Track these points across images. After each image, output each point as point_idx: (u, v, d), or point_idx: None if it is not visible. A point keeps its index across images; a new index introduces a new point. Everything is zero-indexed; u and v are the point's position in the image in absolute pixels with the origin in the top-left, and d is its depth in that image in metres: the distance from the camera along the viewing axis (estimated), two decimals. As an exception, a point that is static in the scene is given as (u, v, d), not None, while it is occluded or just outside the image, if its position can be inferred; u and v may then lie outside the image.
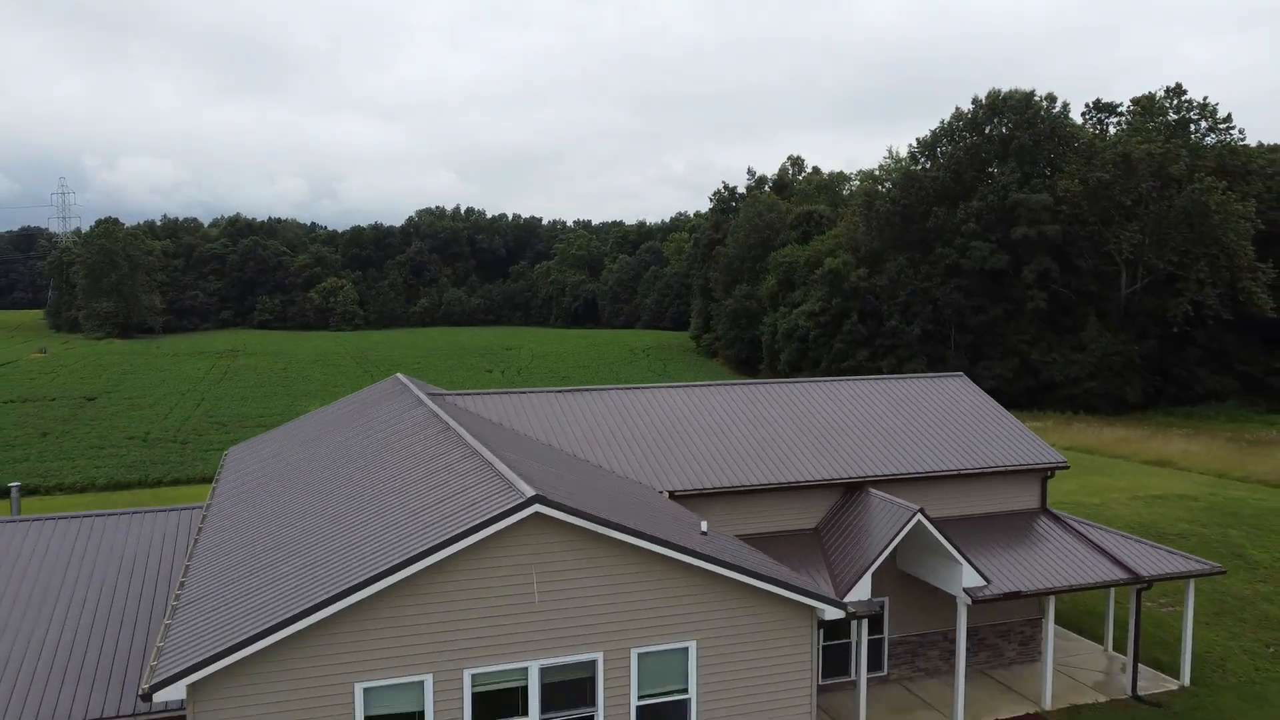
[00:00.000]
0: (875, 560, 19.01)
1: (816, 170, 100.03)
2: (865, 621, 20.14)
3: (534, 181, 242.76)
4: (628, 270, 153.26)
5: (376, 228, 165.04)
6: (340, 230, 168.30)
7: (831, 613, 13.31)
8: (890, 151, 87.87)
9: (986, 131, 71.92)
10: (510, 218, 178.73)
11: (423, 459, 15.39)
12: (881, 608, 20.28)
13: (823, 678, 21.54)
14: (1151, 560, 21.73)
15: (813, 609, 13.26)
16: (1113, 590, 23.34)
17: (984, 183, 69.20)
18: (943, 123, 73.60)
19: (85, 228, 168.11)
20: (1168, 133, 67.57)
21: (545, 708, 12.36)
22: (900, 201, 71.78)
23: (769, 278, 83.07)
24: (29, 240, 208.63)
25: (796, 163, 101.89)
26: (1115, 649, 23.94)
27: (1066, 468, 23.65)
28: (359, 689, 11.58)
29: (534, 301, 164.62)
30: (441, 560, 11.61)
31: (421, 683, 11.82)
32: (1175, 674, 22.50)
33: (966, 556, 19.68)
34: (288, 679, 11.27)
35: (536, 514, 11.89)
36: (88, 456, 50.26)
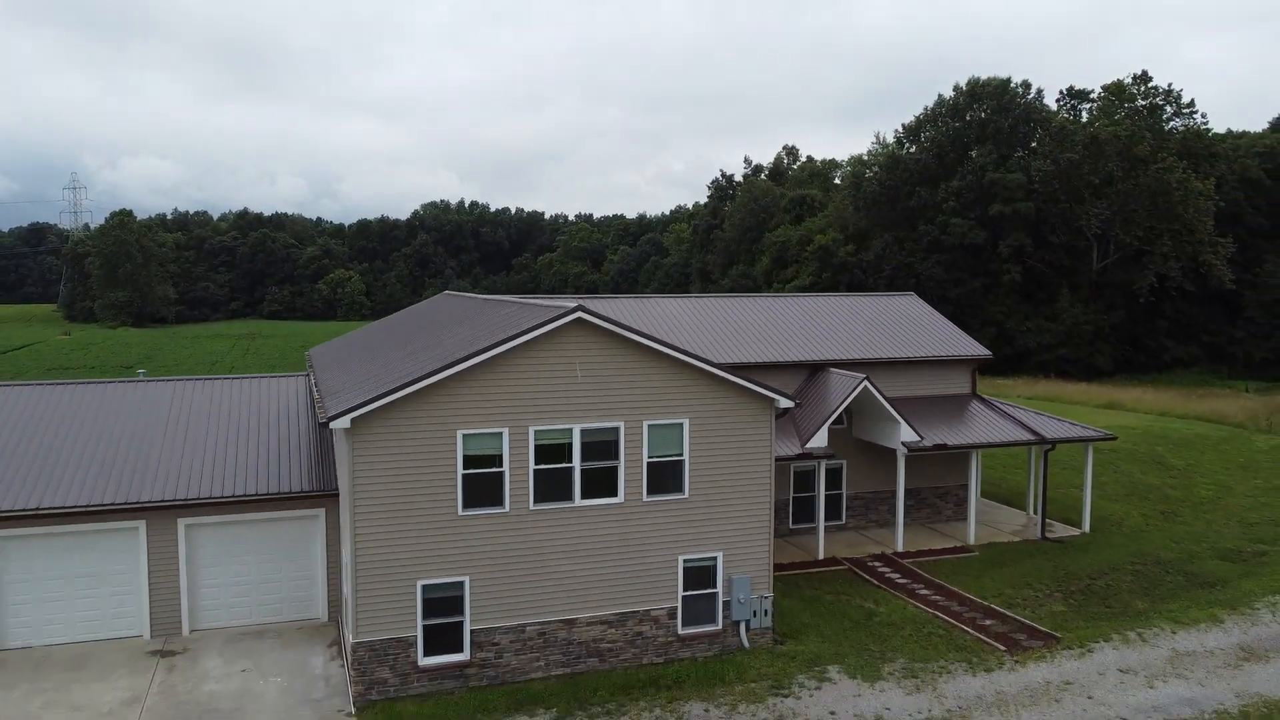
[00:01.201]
0: (831, 414, 24.75)
1: (810, 159, 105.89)
2: (824, 475, 25.95)
3: (534, 181, 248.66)
4: (629, 261, 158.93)
5: (383, 221, 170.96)
6: (346, 224, 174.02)
7: (784, 403, 19.06)
8: (878, 137, 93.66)
9: (967, 118, 77.82)
10: (513, 211, 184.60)
11: (490, 316, 21.18)
12: (834, 456, 25.89)
13: (793, 523, 27.29)
14: (1055, 428, 27.53)
15: (771, 400, 19.00)
16: (1034, 470, 29.00)
17: (963, 164, 74.98)
18: (926, 109, 79.56)
19: (91, 225, 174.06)
20: (1135, 117, 73.45)
21: (585, 458, 18.10)
22: (886, 183, 77.65)
23: (763, 258, 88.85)
24: (38, 236, 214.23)
25: (791, 152, 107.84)
26: (1034, 514, 29.66)
27: (990, 358, 29.47)
28: (460, 434, 17.32)
29: (537, 292, 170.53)
30: (514, 348, 17.34)
31: (500, 433, 17.56)
32: (1079, 525, 28.24)
33: (904, 417, 25.43)
34: (414, 422, 16.99)
35: (579, 319, 17.66)
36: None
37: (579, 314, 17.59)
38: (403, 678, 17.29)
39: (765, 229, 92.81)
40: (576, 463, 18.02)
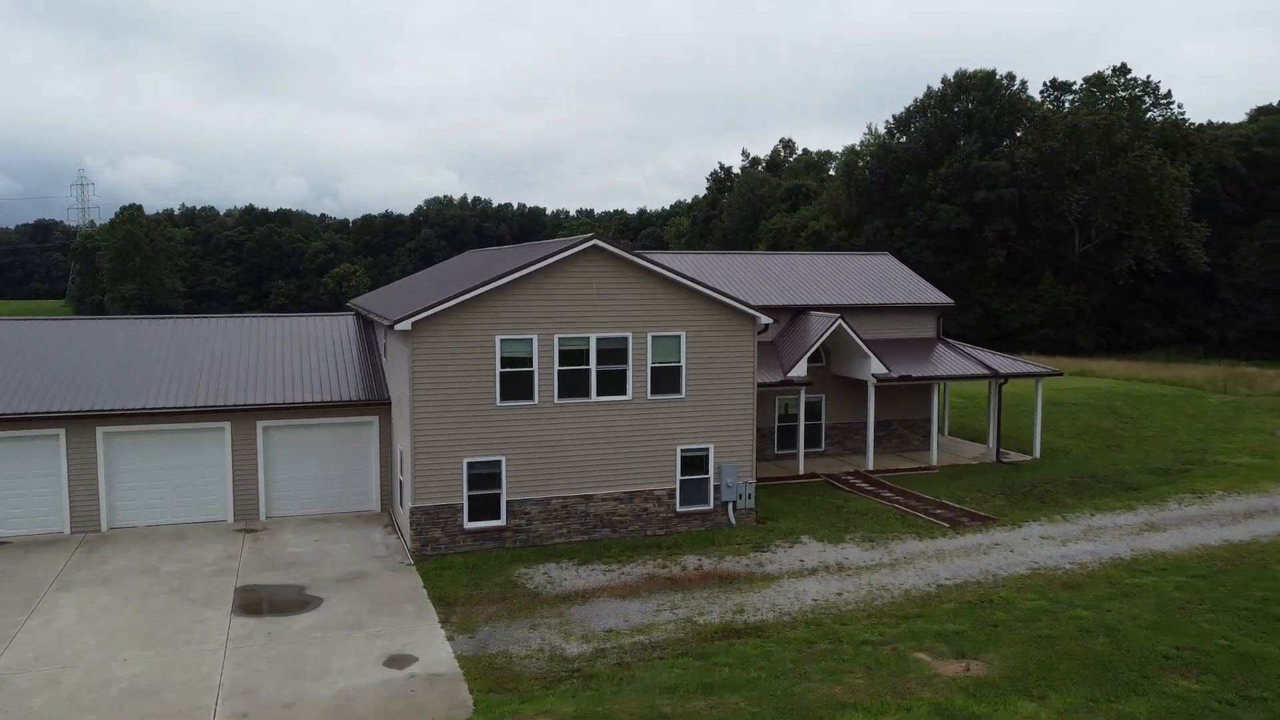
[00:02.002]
0: (810, 348, 28.82)
1: (806, 151, 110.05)
2: (805, 406, 30.00)
3: (534, 180, 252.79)
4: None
5: (387, 216, 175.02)
6: (351, 220, 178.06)
7: (764, 320, 23.11)
8: (870, 128, 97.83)
9: (955, 109, 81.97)
10: (515, 207, 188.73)
11: (520, 251, 25.24)
12: (812, 384, 29.92)
13: (778, 449, 31.32)
14: (1008, 365, 31.63)
15: (753, 317, 23.08)
16: (991, 403, 33.02)
17: (951, 153, 79.10)
18: (916, 100, 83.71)
19: (96, 222, 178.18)
20: (1116, 107, 77.61)
21: (599, 362, 22.14)
22: (877, 171, 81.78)
23: (760, 245, 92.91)
24: (44, 232, 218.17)
25: (788, 145, 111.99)
26: (992, 445, 33.67)
27: (952, 305, 33.54)
28: (498, 339, 21.37)
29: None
30: (542, 268, 21.39)
31: (531, 339, 21.62)
32: (1030, 453, 32.28)
33: (874, 352, 29.48)
34: (461, 328, 21.04)
35: (594, 246, 21.73)
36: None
37: (595, 242, 21.68)
38: (451, 537, 21.35)
39: (762, 217, 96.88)
40: (593, 366, 22.10)
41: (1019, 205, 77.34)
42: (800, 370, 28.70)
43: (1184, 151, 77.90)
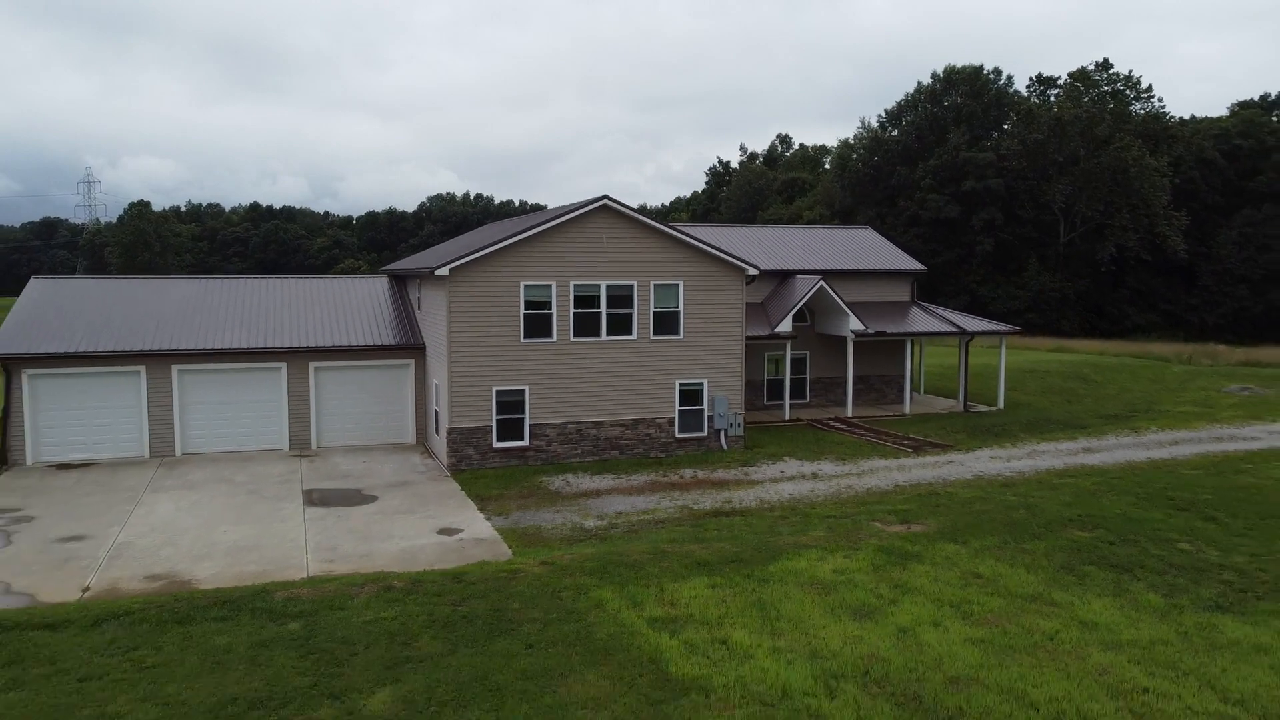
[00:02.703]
0: (795, 305, 32.54)
1: (802, 146, 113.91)
2: (790, 361, 33.72)
3: (534, 180, 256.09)
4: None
5: (391, 213, 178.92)
6: (356, 216, 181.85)
7: (751, 270, 26.86)
8: (863, 122, 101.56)
9: (945, 103, 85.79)
10: (517, 204, 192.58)
11: (539, 213, 29.00)
12: (795, 338, 33.66)
13: (767, 400, 35.05)
14: (974, 324, 35.38)
15: (742, 268, 26.83)
16: (961, 359, 36.73)
17: (940, 145, 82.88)
18: (907, 95, 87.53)
19: (101, 220, 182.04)
20: (1100, 101, 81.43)
21: (609, 306, 25.89)
22: (870, 163, 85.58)
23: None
24: (50, 230, 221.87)
25: (784, 140, 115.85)
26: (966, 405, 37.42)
27: (925, 271, 37.29)
28: (522, 284, 25.13)
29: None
30: (560, 224, 25.15)
31: (550, 285, 25.37)
32: (995, 404, 36.02)
33: (852, 310, 33.22)
34: (491, 275, 24.78)
35: (604, 205, 25.50)
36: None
37: (605, 201, 25.46)
38: (482, 454, 25.10)
39: (759, 209, 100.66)
40: (603, 309, 25.86)
41: (1005, 195, 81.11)
42: (786, 326, 32.42)
43: (1165, 144, 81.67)
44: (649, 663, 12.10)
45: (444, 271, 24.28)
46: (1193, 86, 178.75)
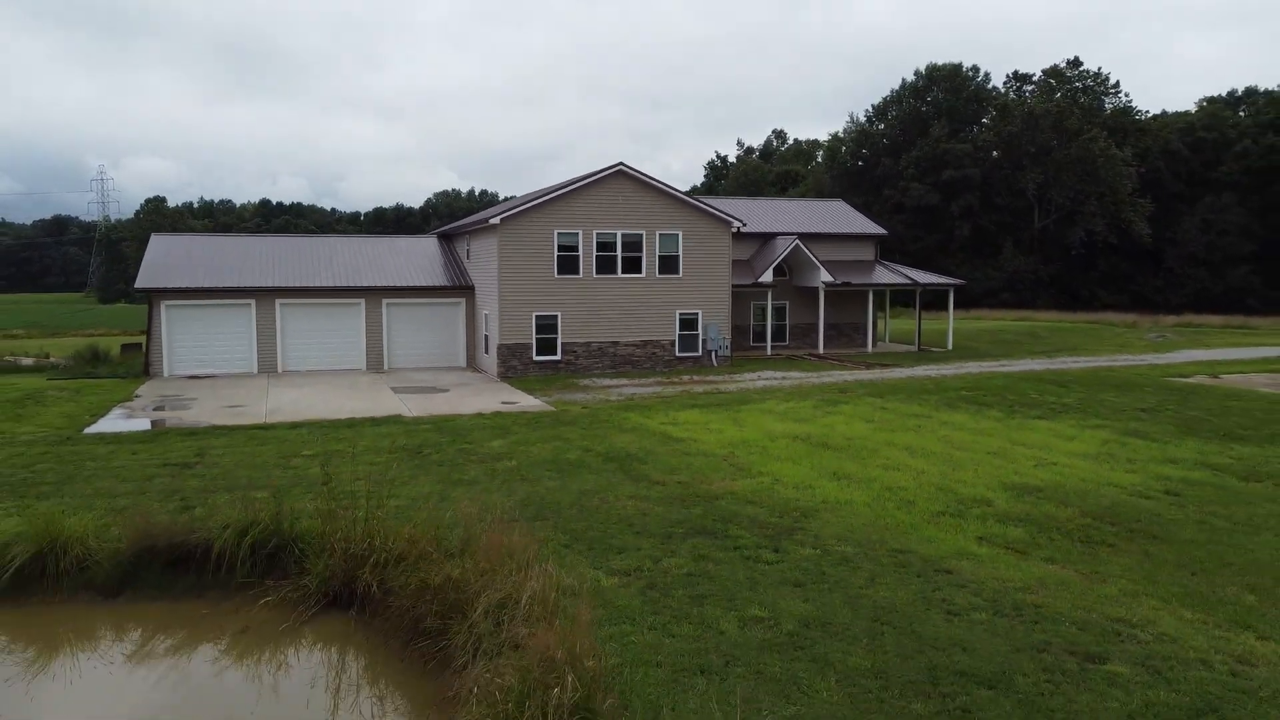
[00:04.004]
0: (775, 260, 40.01)
1: (796, 140, 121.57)
2: (772, 309, 41.20)
3: (534, 180, 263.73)
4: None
5: (398, 208, 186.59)
6: (364, 212, 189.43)
7: (736, 225, 34.33)
8: (851, 116, 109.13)
9: (928, 99, 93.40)
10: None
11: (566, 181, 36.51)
12: (775, 286, 41.13)
13: (752, 342, 42.52)
14: (926, 278, 42.88)
15: (729, 222, 34.32)
16: (917, 309, 44.17)
17: (923, 136, 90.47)
18: (892, 91, 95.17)
19: (111, 218, 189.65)
20: (1072, 95, 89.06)
21: (623, 250, 33.36)
22: (857, 154, 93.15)
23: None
24: (60, 227, 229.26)
25: (779, 135, 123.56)
26: (920, 348, 44.88)
27: (886, 234, 44.81)
28: (555, 232, 32.60)
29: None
30: (585, 185, 32.63)
31: (577, 233, 32.84)
32: (945, 347, 43.48)
33: (823, 265, 40.66)
34: (531, 225, 32.25)
35: (620, 170, 33.00)
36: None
37: (620, 167, 32.96)
38: (524, 365, 32.56)
39: (754, 199, 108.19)
40: (619, 253, 33.32)
41: (982, 184, 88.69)
42: (767, 277, 39.89)
43: (1133, 136, 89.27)
44: (658, 433, 19.60)
45: (496, 220, 31.78)
46: (1192, 86, 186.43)
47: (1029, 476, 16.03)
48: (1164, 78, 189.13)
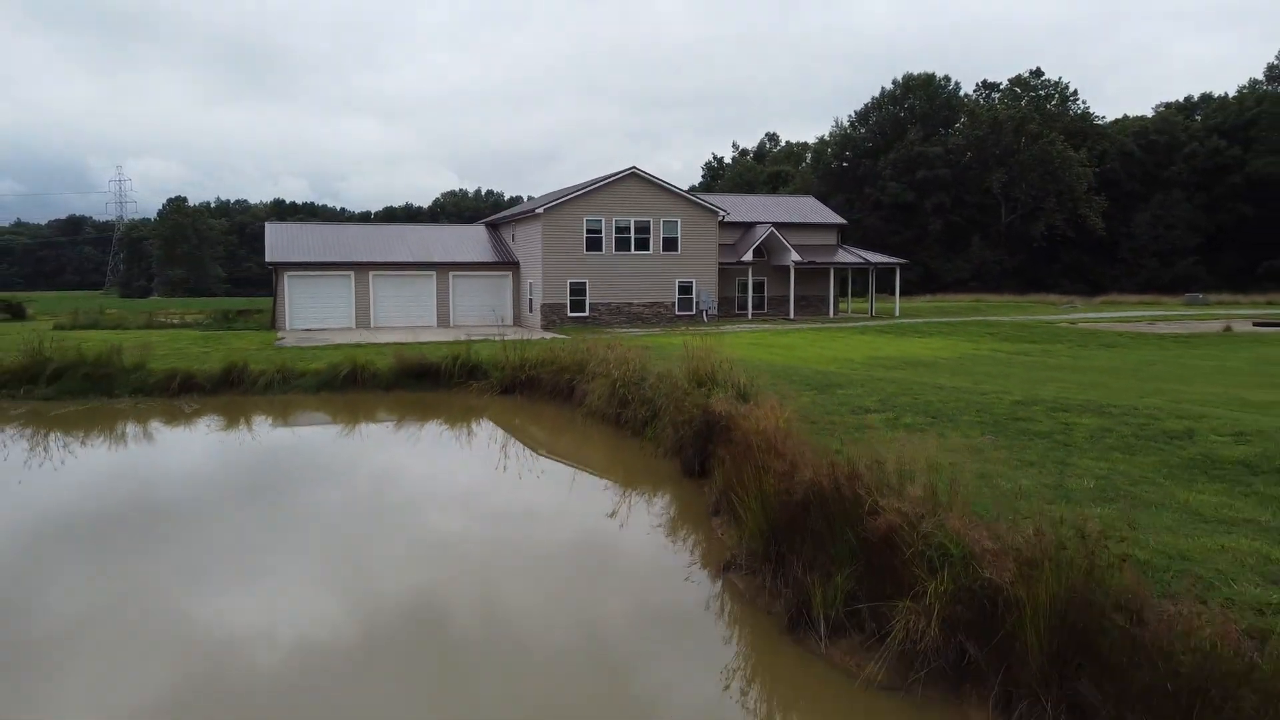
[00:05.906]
0: (754, 243, 51.51)
1: (788, 143, 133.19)
2: (753, 282, 52.78)
3: (534, 180, 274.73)
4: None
5: (408, 207, 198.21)
6: (374, 211, 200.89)
7: (723, 214, 45.82)
8: (836, 122, 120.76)
9: (905, 105, 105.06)
10: (525, 199, 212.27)
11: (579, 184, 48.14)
12: (754, 264, 52.62)
13: (736, 310, 54.02)
14: (877, 258, 54.44)
15: (715, 211, 45.81)
16: (870, 285, 55.60)
17: (900, 139, 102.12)
18: (873, 98, 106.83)
19: (124, 217, 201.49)
20: (1036, 102, 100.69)
21: (635, 233, 44.85)
22: (840, 156, 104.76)
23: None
24: (75, 227, 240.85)
25: (772, 137, 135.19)
26: (872, 316, 56.30)
27: (846, 224, 56.39)
28: (584, 219, 44.09)
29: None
30: (606, 184, 44.12)
31: (600, 220, 44.33)
32: (893, 317, 54.98)
33: (793, 247, 52.14)
34: (566, 214, 43.69)
35: (633, 173, 44.51)
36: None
37: (633, 170, 44.48)
38: (561, 319, 44.06)
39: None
40: (632, 235, 44.82)
41: (954, 183, 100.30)
42: (747, 257, 51.37)
43: (1091, 139, 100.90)
44: (663, 344, 31.06)
45: (540, 210, 43.31)
46: (1188, 87, 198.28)
47: (887, 353, 27.51)
48: (1163, 78, 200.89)
